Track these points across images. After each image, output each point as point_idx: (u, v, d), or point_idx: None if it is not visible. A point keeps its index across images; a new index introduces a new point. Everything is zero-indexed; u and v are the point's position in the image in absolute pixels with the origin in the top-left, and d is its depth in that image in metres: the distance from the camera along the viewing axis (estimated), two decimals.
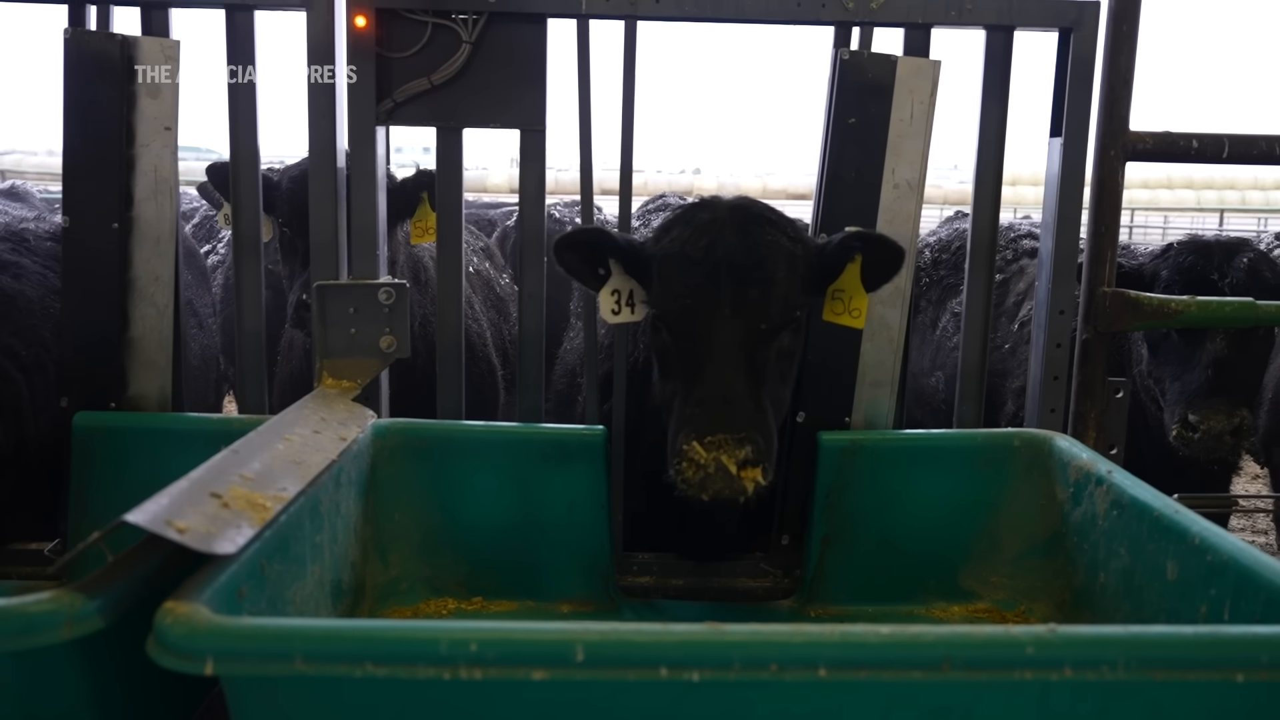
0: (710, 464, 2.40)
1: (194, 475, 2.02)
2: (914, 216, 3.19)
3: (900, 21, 3.16)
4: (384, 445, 2.97)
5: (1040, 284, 3.37)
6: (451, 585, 3.06)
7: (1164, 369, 3.90)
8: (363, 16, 3.05)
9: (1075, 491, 2.81)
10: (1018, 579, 3.04)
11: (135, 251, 3.17)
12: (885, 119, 3.14)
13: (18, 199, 6.69)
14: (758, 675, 1.59)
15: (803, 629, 1.63)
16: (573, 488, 3.06)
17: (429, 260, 4.73)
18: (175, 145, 3.15)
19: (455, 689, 1.64)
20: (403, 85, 3.14)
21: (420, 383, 4.09)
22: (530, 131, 3.20)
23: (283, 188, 3.97)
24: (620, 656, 1.59)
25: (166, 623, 1.62)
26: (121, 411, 3.21)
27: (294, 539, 2.25)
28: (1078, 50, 3.18)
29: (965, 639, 1.61)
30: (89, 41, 3.09)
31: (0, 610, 1.65)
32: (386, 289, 3.10)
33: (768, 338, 2.68)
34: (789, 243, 2.74)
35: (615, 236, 2.89)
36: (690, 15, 3.11)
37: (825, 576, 3.14)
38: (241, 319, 3.29)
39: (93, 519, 3.12)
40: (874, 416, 3.26)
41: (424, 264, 4.64)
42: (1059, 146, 3.24)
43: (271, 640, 1.59)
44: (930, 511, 3.10)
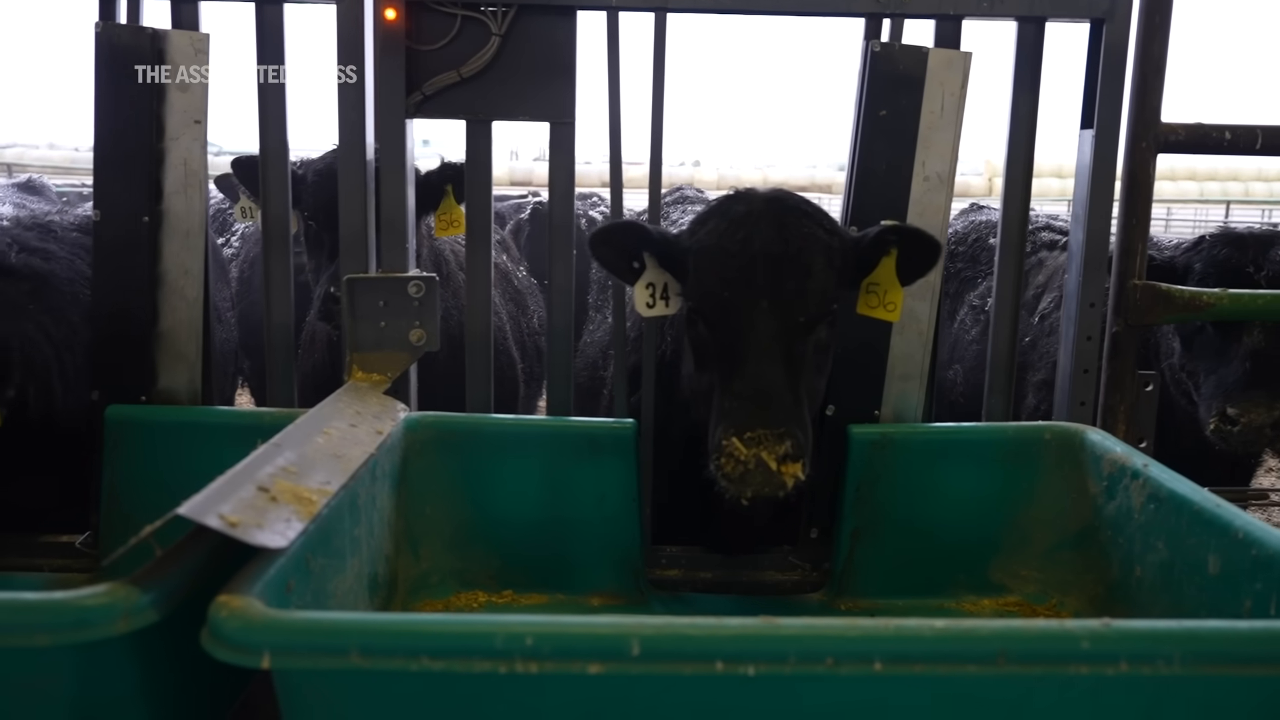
0: (750, 460, 2.40)
1: (239, 468, 2.02)
2: (944, 209, 3.18)
3: (932, 13, 3.15)
4: (415, 439, 2.97)
5: (1070, 277, 3.36)
6: (482, 578, 3.06)
7: (1199, 362, 3.88)
8: (393, 9, 3.04)
9: (1109, 485, 2.80)
10: (1048, 572, 3.04)
11: (165, 245, 3.17)
12: (916, 111, 3.13)
13: (35, 192, 6.73)
14: (812, 669, 1.59)
15: (856, 623, 1.63)
16: (603, 481, 3.06)
17: (450, 253, 4.73)
18: (205, 139, 3.15)
19: (507, 682, 1.65)
20: (432, 78, 3.13)
21: (441, 375, 4.09)
22: (559, 124, 3.19)
23: (308, 181, 3.97)
24: (676, 650, 1.59)
25: (222, 616, 1.62)
26: (152, 405, 3.21)
27: (335, 532, 2.26)
28: (1110, 41, 3.16)
29: (1020, 633, 1.61)
30: (120, 35, 3.09)
31: (56, 603, 1.64)
32: (416, 282, 3.10)
33: (805, 331, 2.67)
34: (825, 235, 2.73)
35: (650, 230, 2.88)
36: (723, 7, 3.10)
37: (855, 570, 3.14)
38: (270, 313, 3.29)
39: (124, 512, 3.13)
40: (903, 410, 3.26)
41: (445, 257, 4.64)
42: (1090, 138, 3.23)
43: (328, 634, 1.59)
44: (960, 505, 3.10)
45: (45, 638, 1.63)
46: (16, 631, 1.63)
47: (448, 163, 4.04)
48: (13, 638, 1.63)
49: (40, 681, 1.72)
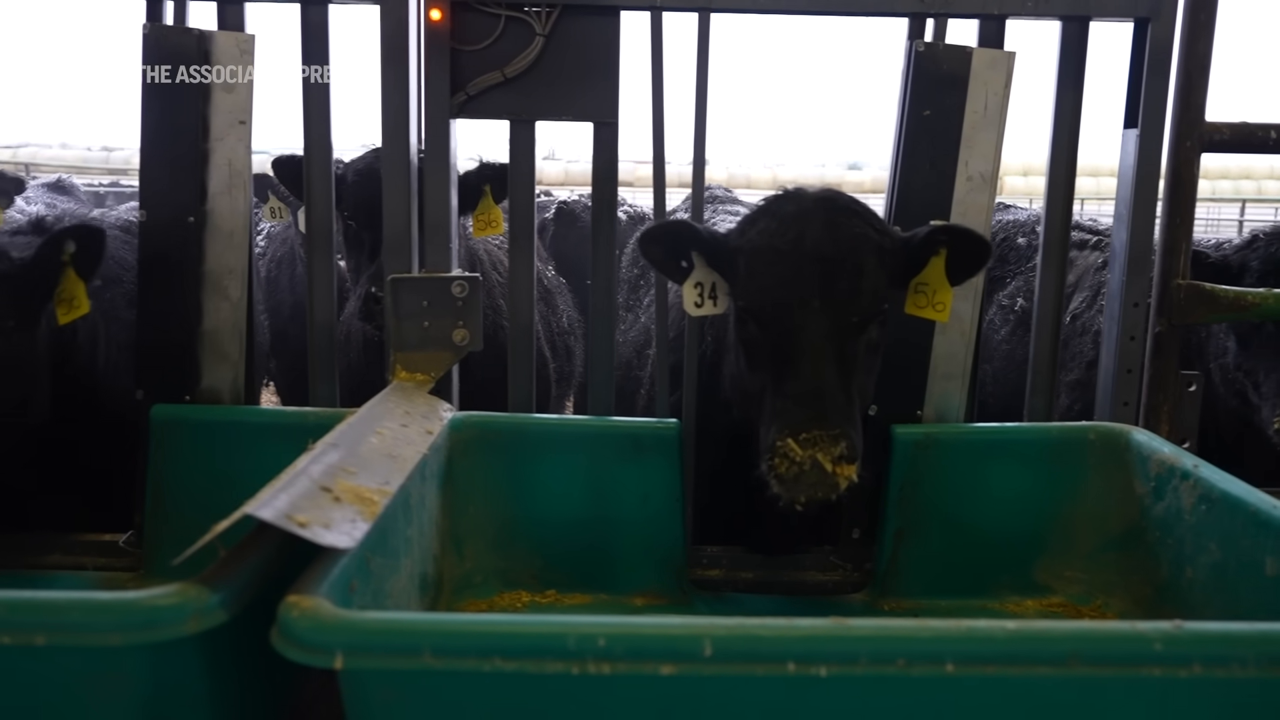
0: (806, 461, 2.40)
1: (300, 468, 2.02)
2: (987, 209, 3.18)
3: (976, 13, 3.15)
4: (460, 438, 2.97)
5: (1113, 276, 3.35)
6: (525, 578, 3.06)
7: (1258, 362, 3.83)
8: (438, 10, 3.05)
9: (1157, 485, 2.80)
10: (1093, 573, 3.04)
11: (209, 245, 3.18)
12: (960, 111, 3.12)
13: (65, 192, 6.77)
14: (884, 670, 1.59)
15: (928, 624, 1.63)
16: (647, 480, 3.06)
17: (484, 253, 4.74)
18: (250, 139, 3.16)
19: (576, 684, 1.65)
20: (475, 78, 3.14)
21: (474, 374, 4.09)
22: (603, 124, 3.20)
23: (349, 181, 3.98)
24: (748, 651, 1.59)
25: (293, 616, 1.63)
26: (198, 404, 3.22)
27: (391, 533, 2.27)
28: (1155, 39, 3.15)
29: (1093, 634, 1.61)
30: (166, 36, 3.10)
31: (128, 603, 1.65)
32: (460, 282, 3.11)
33: (856, 331, 2.67)
34: (876, 235, 2.73)
35: (699, 230, 2.88)
36: (765, 7, 3.10)
37: (898, 570, 3.14)
38: (314, 312, 3.30)
39: (167, 511, 3.14)
40: (945, 410, 3.26)
41: (479, 257, 4.64)
42: (1134, 137, 3.22)
43: (401, 635, 1.60)
44: (1004, 505, 3.10)
45: (118, 637, 1.63)
46: (90, 631, 1.63)
47: (486, 163, 4.04)
48: (86, 637, 1.64)
49: (111, 681, 1.73)
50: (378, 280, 3.70)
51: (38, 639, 1.63)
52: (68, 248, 3.01)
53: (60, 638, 1.64)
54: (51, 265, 3.04)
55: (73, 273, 3.04)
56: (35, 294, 3.08)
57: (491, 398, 3.43)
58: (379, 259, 3.77)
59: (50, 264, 3.04)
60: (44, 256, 3.04)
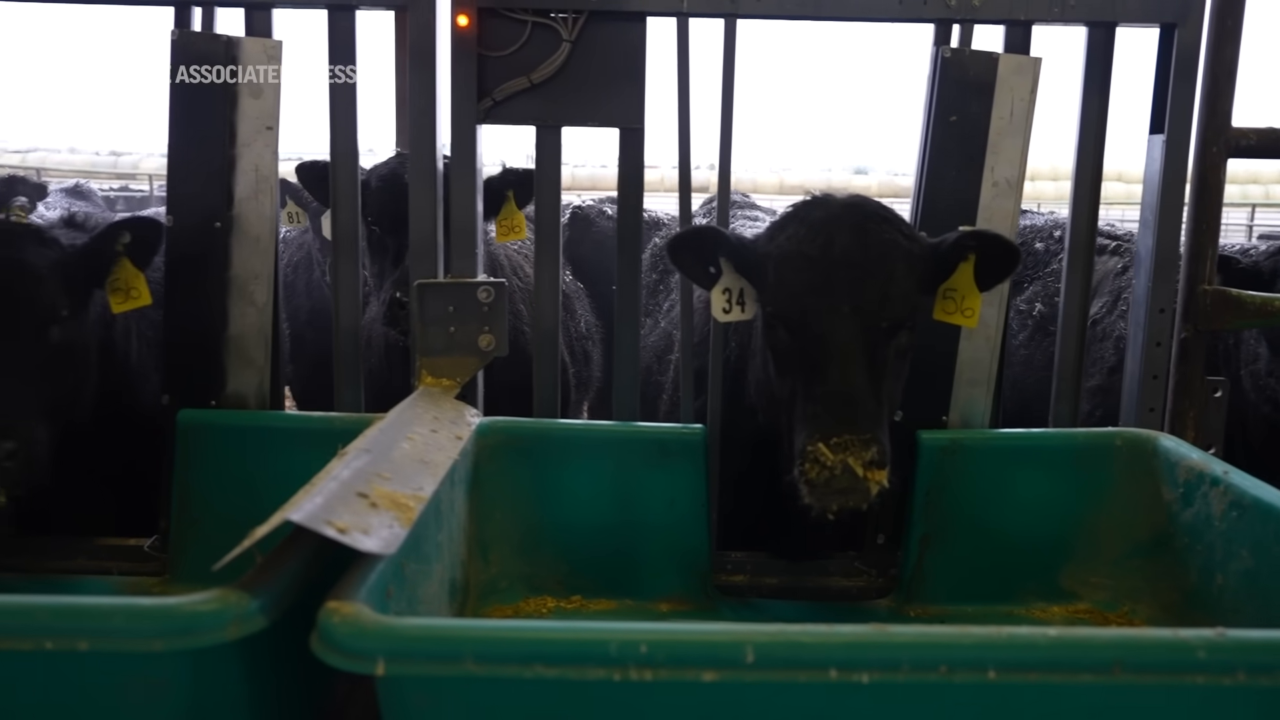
0: (837, 466, 2.40)
1: (336, 474, 2.02)
2: (1013, 215, 3.18)
3: (1002, 19, 3.15)
4: (486, 444, 2.98)
5: (1139, 282, 3.34)
6: (550, 583, 3.06)
7: None
8: (465, 15, 3.05)
9: (1185, 491, 2.79)
10: (1120, 580, 3.03)
11: (235, 250, 3.19)
12: (986, 117, 3.13)
13: (83, 197, 6.80)
14: (925, 677, 1.59)
15: (970, 630, 1.63)
16: (673, 486, 3.06)
17: (504, 259, 4.74)
18: (276, 145, 3.17)
19: (617, 690, 1.65)
20: (502, 84, 3.14)
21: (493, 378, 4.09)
22: (629, 130, 3.20)
23: (372, 186, 3.98)
24: (790, 658, 1.59)
25: (334, 622, 1.63)
26: (224, 409, 3.23)
27: (424, 538, 2.27)
28: (1182, 45, 3.15)
29: (1136, 642, 1.61)
30: (195, 42, 3.11)
31: (169, 608, 1.65)
32: (486, 287, 3.11)
33: (886, 336, 2.67)
34: (905, 240, 2.73)
35: (728, 235, 2.89)
36: (791, 14, 3.10)
37: (924, 576, 3.13)
38: (339, 317, 3.30)
39: (193, 515, 3.15)
40: (970, 415, 3.26)
41: (499, 262, 4.65)
42: (1160, 143, 3.21)
43: (443, 642, 1.60)
44: (1030, 511, 3.09)
45: (160, 643, 1.64)
46: (133, 636, 1.64)
47: (509, 168, 4.05)
48: (129, 642, 1.64)
49: (152, 686, 1.73)
50: (402, 285, 3.70)
51: (80, 644, 1.64)
52: (122, 238, 3.03)
53: (103, 643, 1.64)
54: (105, 254, 3.06)
55: (129, 262, 3.06)
56: (87, 280, 3.10)
57: (510, 402, 3.42)
58: (403, 264, 3.77)
59: (104, 253, 3.06)
60: (98, 244, 3.07)
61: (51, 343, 2.97)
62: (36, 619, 1.63)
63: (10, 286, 2.92)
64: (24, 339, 2.91)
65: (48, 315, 2.96)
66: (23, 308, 2.92)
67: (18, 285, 2.93)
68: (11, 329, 2.89)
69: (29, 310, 2.93)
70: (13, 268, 2.93)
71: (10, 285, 2.92)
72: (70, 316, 3.03)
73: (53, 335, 2.97)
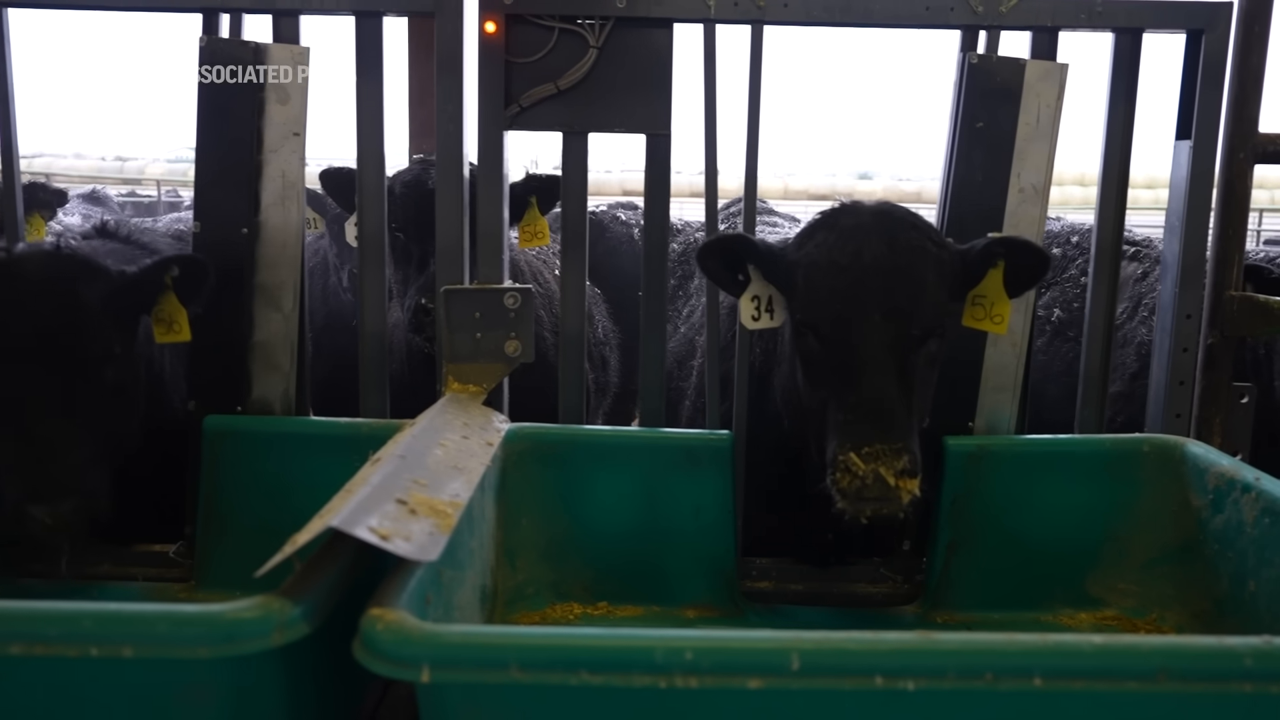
0: (868, 475, 2.40)
1: (373, 480, 2.03)
2: (1039, 221, 3.18)
3: (1029, 25, 3.15)
4: (513, 450, 2.98)
5: (1165, 288, 3.34)
6: (576, 590, 3.06)
7: None
8: (493, 22, 3.06)
9: (1215, 498, 2.79)
10: (1147, 586, 3.02)
11: (262, 256, 3.20)
12: (1013, 123, 3.13)
13: (99, 203, 6.82)
14: (971, 684, 1.59)
15: (1016, 638, 1.62)
16: (700, 492, 3.06)
17: (524, 265, 4.74)
18: (303, 151, 3.17)
19: (662, 697, 1.65)
20: (528, 90, 3.14)
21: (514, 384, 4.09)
22: (656, 136, 3.20)
23: (396, 193, 3.99)
24: (836, 665, 1.59)
25: (377, 629, 1.63)
26: (250, 415, 3.23)
27: (458, 545, 2.27)
28: (1209, 51, 3.14)
29: (1183, 649, 1.60)
30: (222, 49, 3.11)
31: (213, 616, 1.65)
32: (512, 293, 3.12)
33: (917, 344, 2.67)
34: (935, 248, 2.73)
35: (756, 243, 2.88)
36: (818, 20, 3.10)
37: (951, 583, 3.13)
38: (364, 323, 3.30)
39: (219, 521, 3.15)
40: (996, 422, 3.25)
41: (520, 268, 4.65)
42: (1187, 149, 3.21)
43: (488, 649, 1.60)
44: (1057, 517, 3.09)
45: (205, 650, 1.64)
46: (177, 643, 1.64)
47: (532, 174, 4.05)
48: (174, 649, 1.64)
49: (195, 692, 1.73)
50: (427, 292, 3.70)
51: (125, 651, 1.64)
52: (171, 270, 2.97)
53: (148, 649, 1.64)
54: (154, 285, 2.99)
55: (175, 296, 3.01)
56: (135, 309, 3.03)
57: (528, 407, 3.41)
58: (428, 270, 3.78)
59: (153, 284, 2.99)
60: (148, 275, 2.98)
61: (106, 382, 2.89)
62: (82, 625, 1.63)
63: (63, 328, 2.82)
64: (79, 382, 2.82)
65: (103, 356, 2.88)
66: (77, 351, 2.83)
67: (71, 328, 2.83)
68: (66, 372, 2.81)
69: (83, 353, 2.84)
70: (65, 308, 2.83)
71: (63, 327, 2.82)
72: (123, 353, 2.96)
73: (107, 375, 2.89)
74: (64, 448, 2.74)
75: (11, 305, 2.78)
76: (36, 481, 2.67)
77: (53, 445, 2.73)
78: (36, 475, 2.68)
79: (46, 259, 2.91)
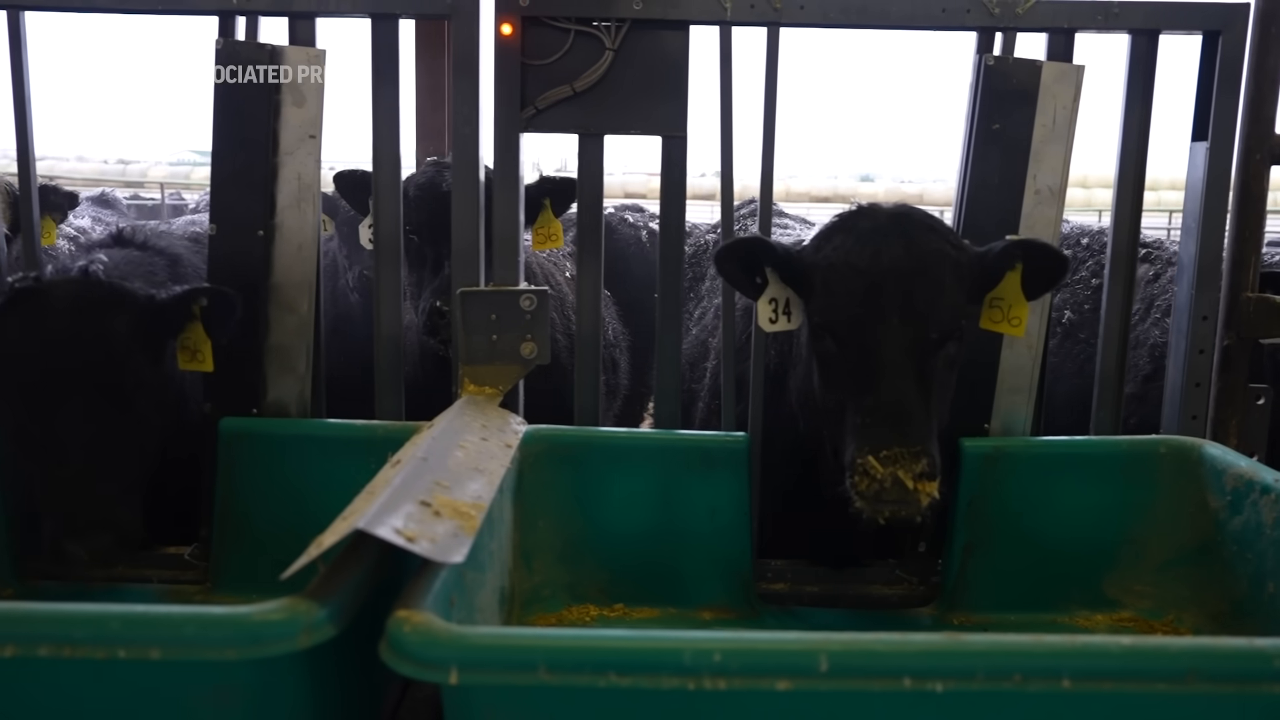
0: (887, 478, 2.40)
1: (396, 482, 2.02)
2: (1055, 222, 3.17)
3: (1045, 26, 3.14)
4: (529, 452, 2.97)
5: (1181, 290, 3.34)
6: (593, 592, 3.06)
7: None
8: (509, 24, 3.06)
9: (1233, 499, 2.78)
10: (1164, 588, 3.02)
11: (277, 259, 3.20)
12: (1029, 125, 3.13)
13: (108, 206, 6.82)
14: (1000, 686, 1.59)
15: (1044, 639, 1.62)
16: (715, 494, 3.05)
17: (536, 267, 4.75)
18: (319, 153, 3.18)
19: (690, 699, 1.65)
20: (544, 92, 3.14)
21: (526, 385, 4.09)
22: (671, 138, 3.20)
23: (410, 195, 3.99)
24: (864, 667, 1.59)
25: (404, 631, 1.63)
26: (265, 418, 3.23)
27: (479, 547, 2.26)
28: (1226, 53, 3.14)
29: (1212, 651, 1.60)
30: (238, 51, 3.12)
31: (240, 618, 1.65)
32: (528, 295, 3.12)
33: (935, 347, 2.67)
34: (953, 250, 2.73)
35: (774, 246, 2.88)
36: (834, 22, 3.10)
37: (967, 584, 3.13)
38: (380, 325, 3.30)
39: (235, 524, 3.15)
40: (1011, 423, 3.25)
41: (532, 270, 4.65)
42: (1203, 151, 3.21)
43: (517, 650, 1.60)
44: (1073, 519, 3.08)
45: (233, 652, 1.64)
46: (205, 645, 1.64)
47: (546, 176, 4.05)
48: (202, 651, 1.64)
49: (221, 694, 1.73)
50: (442, 294, 3.70)
51: (153, 653, 1.64)
52: (200, 301, 2.97)
53: (175, 652, 1.64)
54: (182, 313, 2.99)
55: (201, 326, 3.01)
56: (163, 335, 3.03)
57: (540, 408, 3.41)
58: (442, 273, 3.78)
59: (181, 312, 2.99)
60: (177, 304, 2.98)
61: (137, 410, 2.90)
62: (110, 627, 1.63)
63: (94, 361, 2.82)
64: (111, 412, 2.82)
65: (133, 385, 2.89)
66: (108, 382, 2.83)
67: (102, 360, 2.83)
68: (98, 404, 2.80)
69: (114, 384, 2.85)
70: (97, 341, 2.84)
71: (94, 360, 2.82)
72: (152, 379, 2.96)
73: (138, 403, 2.89)
74: (97, 480, 2.76)
75: (43, 338, 2.80)
76: (72, 517, 2.69)
77: (86, 479, 2.75)
78: (72, 510, 2.70)
79: (77, 289, 2.92)
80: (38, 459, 2.77)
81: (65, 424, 2.76)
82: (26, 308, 2.85)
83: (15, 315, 2.84)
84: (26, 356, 2.78)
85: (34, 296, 2.87)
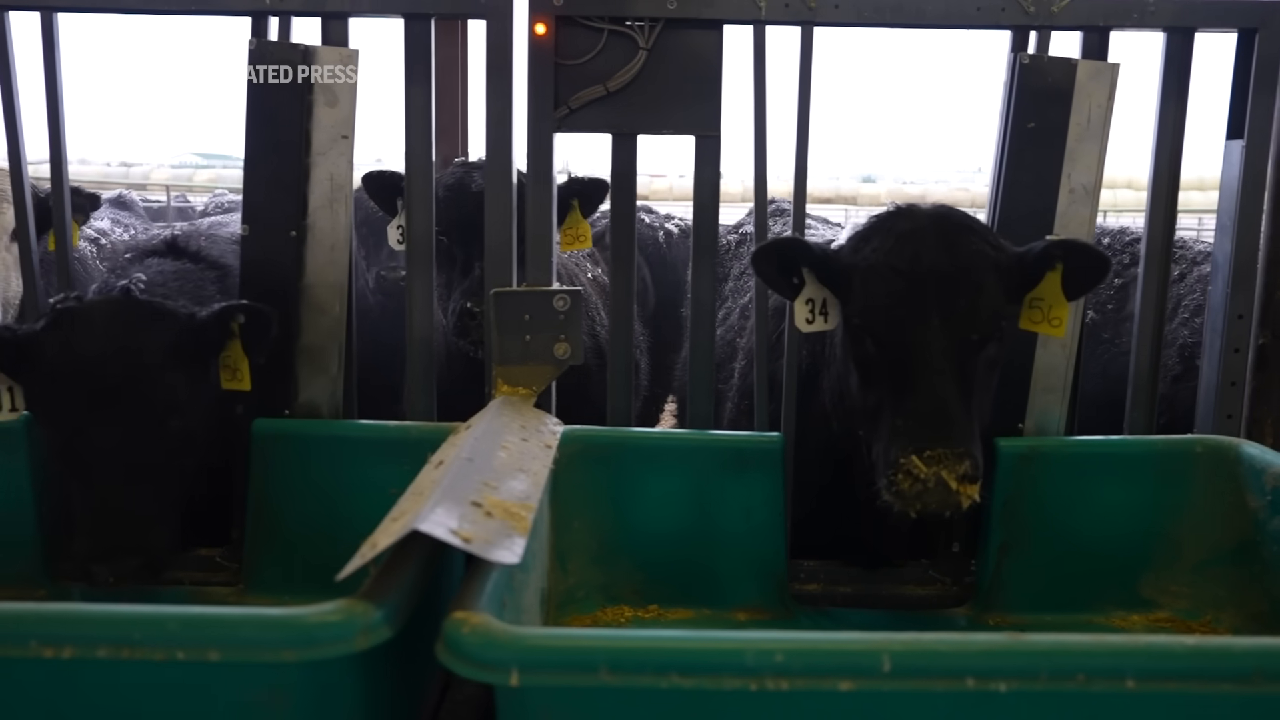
0: (930, 479, 2.40)
1: (445, 483, 2.02)
2: (1090, 221, 3.16)
3: (1080, 25, 3.13)
4: (564, 453, 2.95)
5: (1215, 289, 3.32)
6: (627, 593, 3.05)
7: None
8: (543, 24, 3.05)
9: (1274, 499, 2.77)
10: (1201, 588, 3.01)
11: (309, 259, 3.19)
12: (1064, 123, 3.11)
13: (125, 208, 6.83)
14: (1063, 686, 1.58)
15: (1107, 639, 1.62)
16: (750, 495, 3.04)
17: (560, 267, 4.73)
18: (351, 154, 3.17)
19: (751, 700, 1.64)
20: (578, 92, 3.13)
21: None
22: (705, 137, 3.19)
23: (439, 196, 3.98)
24: (927, 666, 1.58)
25: (463, 633, 1.63)
26: (297, 419, 3.22)
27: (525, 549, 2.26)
28: (1262, 50, 3.13)
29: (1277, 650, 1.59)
30: (271, 52, 3.11)
31: (297, 619, 1.65)
32: (562, 296, 3.11)
33: (976, 348, 2.66)
34: (993, 251, 2.71)
35: (811, 247, 2.87)
36: (869, 21, 3.09)
37: (1002, 585, 3.11)
38: (412, 326, 3.30)
39: (268, 525, 3.14)
40: (1045, 423, 3.23)
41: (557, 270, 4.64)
42: (1239, 149, 3.19)
43: (577, 652, 1.60)
44: (1109, 519, 3.07)
45: (291, 654, 1.64)
46: (263, 646, 1.64)
47: (574, 177, 4.04)
48: (260, 653, 1.65)
49: (277, 695, 1.73)
50: (472, 295, 3.69)
51: (211, 654, 1.64)
52: (237, 318, 2.94)
53: (233, 653, 1.64)
54: (221, 331, 2.97)
55: (239, 344, 2.98)
56: (202, 354, 3.00)
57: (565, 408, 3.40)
58: (473, 274, 3.77)
59: (219, 330, 2.97)
60: (214, 322, 2.95)
61: (173, 431, 2.86)
62: (168, 629, 1.63)
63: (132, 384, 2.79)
64: (147, 435, 2.80)
65: (169, 407, 2.86)
66: (145, 405, 2.80)
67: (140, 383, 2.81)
68: (134, 426, 2.78)
69: (151, 406, 2.82)
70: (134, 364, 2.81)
71: (132, 382, 2.79)
72: (190, 399, 2.93)
73: (173, 424, 2.86)
74: (133, 502, 2.75)
75: (82, 360, 2.78)
76: (102, 540, 2.69)
77: (121, 501, 2.74)
78: (101, 533, 2.70)
79: (116, 310, 2.90)
80: (78, 476, 2.76)
81: (103, 446, 2.74)
82: (67, 329, 2.83)
83: (56, 336, 2.82)
84: (67, 377, 2.77)
85: (75, 317, 2.85)
